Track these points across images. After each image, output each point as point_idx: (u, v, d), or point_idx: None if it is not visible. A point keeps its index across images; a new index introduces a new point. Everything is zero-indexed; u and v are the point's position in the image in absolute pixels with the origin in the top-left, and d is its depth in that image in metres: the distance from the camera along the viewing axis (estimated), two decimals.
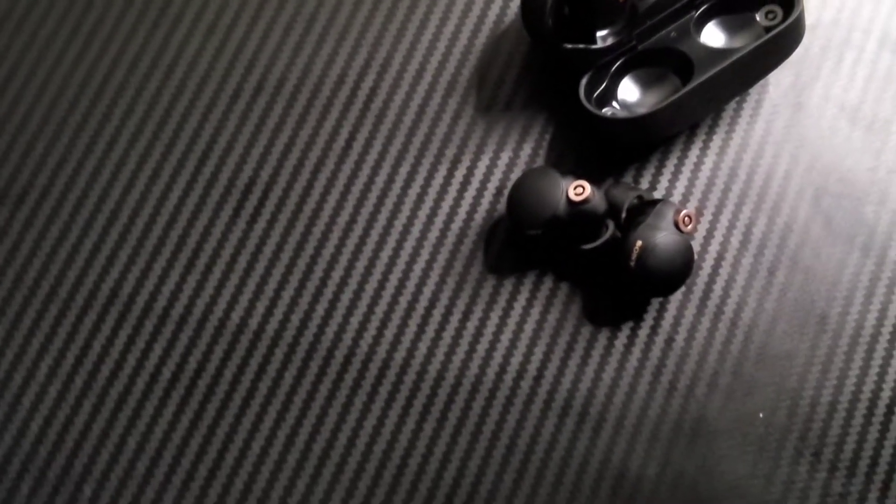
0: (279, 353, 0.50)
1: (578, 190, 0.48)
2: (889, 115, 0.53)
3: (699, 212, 0.52)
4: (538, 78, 0.54)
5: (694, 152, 0.53)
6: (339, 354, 0.50)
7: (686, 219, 0.49)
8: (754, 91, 0.53)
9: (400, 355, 0.50)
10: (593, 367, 0.50)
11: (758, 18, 0.52)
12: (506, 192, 0.51)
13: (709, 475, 0.49)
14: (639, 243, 0.47)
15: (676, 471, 0.49)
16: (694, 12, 0.52)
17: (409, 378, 0.50)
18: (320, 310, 0.51)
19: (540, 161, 0.53)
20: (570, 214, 0.48)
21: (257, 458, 0.49)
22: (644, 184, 0.53)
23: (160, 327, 0.51)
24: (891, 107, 0.53)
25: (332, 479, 0.49)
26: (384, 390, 0.50)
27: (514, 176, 0.52)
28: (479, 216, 0.52)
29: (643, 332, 0.51)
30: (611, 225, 0.49)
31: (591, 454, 0.49)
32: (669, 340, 0.51)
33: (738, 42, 0.51)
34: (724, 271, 0.51)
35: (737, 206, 0.52)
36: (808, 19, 0.53)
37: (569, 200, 0.48)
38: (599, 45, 0.51)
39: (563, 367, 0.50)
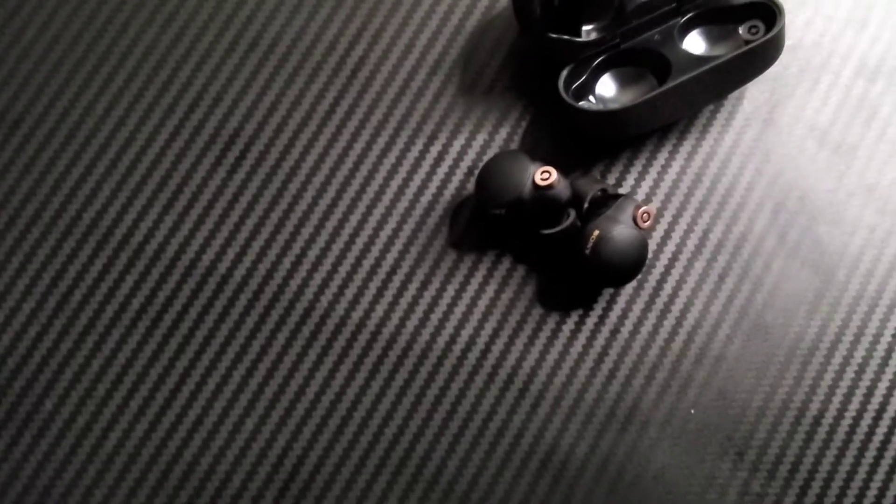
0: (243, 299, 0.53)
1: (545, 175, 0.50)
2: (856, 140, 0.55)
3: (659, 211, 0.54)
4: (522, 65, 0.56)
5: (663, 154, 0.55)
6: (300, 307, 0.53)
7: (644, 215, 0.51)
8: (729, 102, 0.55)
9: (357, 314, 0.53)
10: (539, 347, 0.53)
11: (740, 32, 0.53)
12: (477, 171, 0.53)
13: (635, 462, 0.51)
14: (596, 233, 0.50)
15: (605, 453, 0.52)
16: (680, 18, 0.53)
17: (363, 337, 0.53)
18: (286, 262, 0.53)
19: (514, 146, 0.55)
20: (534, 198, 0.50)
21: (211, 394, 0.52)
22: (612, 178, 0.55)
23: (134, 260, 0.53)
24: (859, 133, 0.55)
25: (279, 421, 0.52)
26: (338, 345, 0.52)
27: (487, 157, 0.54)
28: (449, 192, 0.54)
29: (591, 320, 0.53)
30: (572, 213, 0.51)
31: (526, 428, 0.52)
32: (615, 331, 0.53)
33: (718, 51, 0.53)
34: (676, 271, 0.53)
35: (697, 211, 0.54)
36: (790, 40, 0.55)
37: (534, 184, 0.50)
38: (584, 38, 0.53)
39: (510, 343, 0.53)
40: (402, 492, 0.51)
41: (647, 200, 0.54)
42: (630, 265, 0.50)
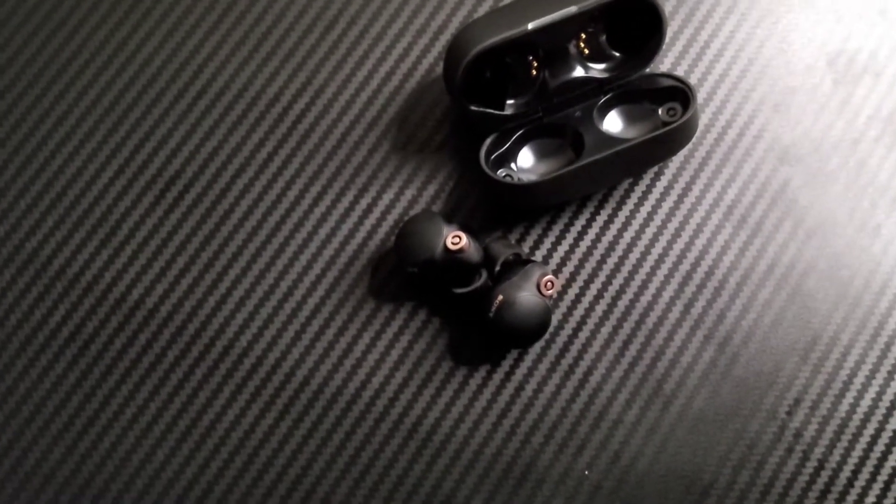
0: (166, 333, 0.56)
1: (455, 240, 0.52)
2: (760, 216, 0.57)
3: (568, 280, 0.56)
4: (454, 129, 0.59)
5: (580, 222, 0.57)
6: (220, 344, 0.55)
7: (548, 283, 0.53)
8: (648, 176, 0.58)
9: (273, 355, 0.55)
10: (445, 400, 0.55)
11: (660, 113, 0.56)
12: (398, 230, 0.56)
13: None
14: (500, 298, 0.52)
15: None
16: (601, 97, 0.56)
17: (277, 378, 0.55)
18: (212, 301, 0.56)
19: (439, 204, 0.58)
20: (445, 260, 0.53)
21: (127, 423, 0.54)
22: (529, 243, 0.57)
23: (68, 290, 0.56)
24: (763, 209, 0.57)
25: (188, 454, 0.54)
26: (252, 384, 0.55)
27: (414, 212, 0.57)
28: (374, 243, 0.57)
29: (497, 377, 0.55)
30: (484, 274, 0.54)
31: (425, 478, 0.54)
32: (519, 388, 0.55)
33: (636, 131, 0.56)
34: (583, 335, 0.56)
35: (607, 279, 0.57)
36: (706, 118, 0.57)
37: (445, 247, 0.52)
38: (506, 111, 0.55)
39: (417, 393, 0.55)
40: None
41: (562, 267, 0.57)
42: (531, 330, 0.52)
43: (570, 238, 0.57)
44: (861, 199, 0.57)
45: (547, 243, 0.57)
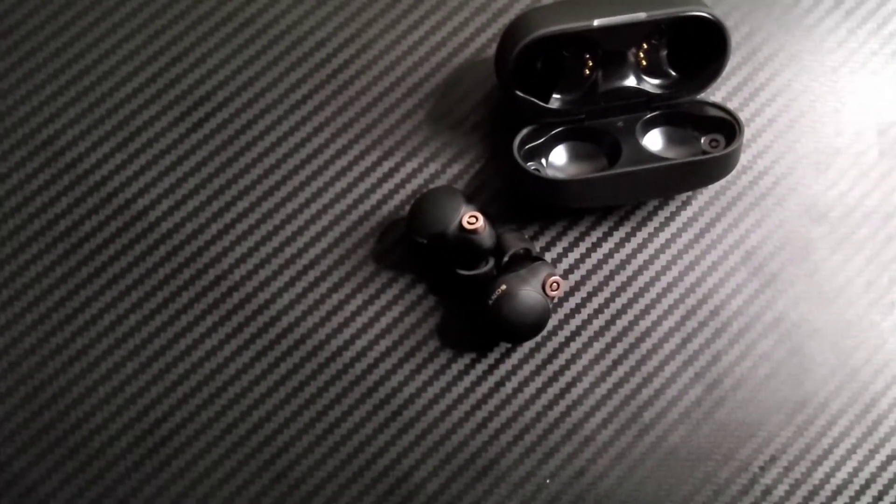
0: (162, 250, 0.55)
1: (472, 219, 0.51)
2: (777, 268, 0.56)
3: (567, 284, 0.55)
4: (493, 112, 0.58)
5: (597, 233, 0.56)
6: (212, 273, 0.54)
7: (554, 284, 0.52)
8: (674, 202, 0.57)
9: (264, 296, 0.54)
10: (423, 377, 0.54)
11: (702, 142, 0.55)
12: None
13: None
14: (503, 287, 0.51)
15: (452, 496, 0.53)
16: (646, 113, 0.55)
17: (263, 319, 0.54)
18: (214, 228, 0.55)
19: (461, 184, 0.57)
20: (457, 237, 0.52)
21: (104, 329, 0.54)
22: (541, 242, 0.56)
23: (75, 184, 0.55)
24: (781, 261, 0.56)
25: (157, 374, 0.53)
26: (237, 319, 0.54)
27: (433, 186, 0.56)
28: (387, 208, 0.56)
29: (481, 367, 0.54)
30: (491, 261, 0.53)
31: (387, 449, 0.53)
32: (500, 383, 0.54)
33: (674, 153, 0.55)
34: (575, 346, 0.55)
35: (612, 295, 0.56)
36: (745, 160, 0.56)
37: (460, 225, 0.51)
38: (551, 105, 0.54)
39: (398, 365, 0.54)
40: (251, 475, 0.52)
41: (569, 272, 0.56)
42: (527, 326, 0.51)
43: (583, 246, 0.56)
44: (882, 274, 0.56)
45: (559, 246, 0.56)
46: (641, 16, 0.51)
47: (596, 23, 0.51)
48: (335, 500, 0.52)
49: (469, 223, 0.51)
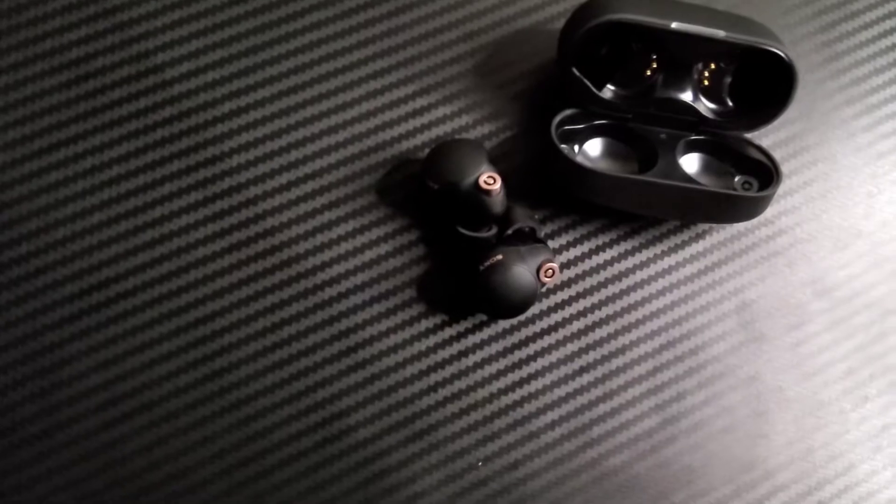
0: (168, 110, 0.52)
1: (490, 180, 0.49)
2: (769, 327, 0.55)
3: (561, 276, 0.54)
4: (540, 85, 0.55)
5: (605, 237, 0.55)
6: (220, 166, 0.52)
7: (549, 271, 0.50)
8: (690, 230, 0.55)
9: (255, 190, 0.52)
10: (388, 324, 0.52)
11: (735, 180, 0.54)
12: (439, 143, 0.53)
13: (403, 474, 0.51)
14: (499, 257, 0.49)
15: (383, 448, 0.51)
16: (691, 133, 0.54)
17: (247, 213, 0.52)
18: (227, 107, 0.52)
19: (488, 145, 0.54)
20: (469, 192, 0.49)
21: (84, 171, 0.50)
22: (549, 227, 0.54)
23: (98, 17, 0.52)
24: (774, 321, 0.55)
25: (124, 232, 0.51)
26: (220, 205, 0.52)
27: (460, 135, 0.54)
28: (406, 145, 0.54)
29: (449, 331, 0.52)
30: (494, 229, 0.51)
31: (331, 382, 0.51)
32: (463, 353, 0.52)
33: (705, 181, 0.53)
34: (548, 340, 0.53)
35: (599, 303, 0.54)
36: (768, 212, 0.55)
37: (477, 182, 0.49)
38: (602, 94, 0.52)
39: (367, 304, 0.52)
40: (186, 364, 0.50)
41: (563, 268, 0.54)
42: (510, 304, 0.50)
43: (587, 245, 0.54)
44: (865, 366, 0.55)
45: (564, 238, 0.54)
46: (720, 34, 0.49)
47: (674, 25, 0.49)
48: (265, 415, 0.50)
49: (486, 183, 0.49)
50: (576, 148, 0.53)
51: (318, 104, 0.53)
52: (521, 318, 0.52)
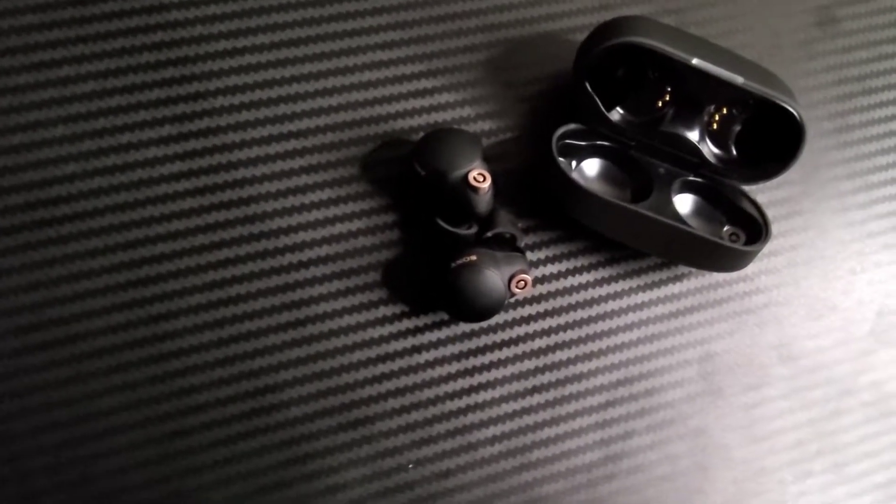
0: (165, 54, 0.48)
1: (480, 177, 0.47)
2: (729, 383, 0.54)
3: (532, 290, 0.52)
4: (548, 94, 0.53)
5: (584, 260, 0.53)
6: (199, 104, 0.49)
7: (522, 282, 0.48)
8: (668, 272, 0.54)
9: (231, 137, 0.49)
10: (345, 303, 0.49)
11: (724, 229, 0.52)
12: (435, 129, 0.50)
13: (327, 462, 0.48)
14: (473, 258, 0.47)
15: (312, 431, 0.48)
16: (690, 174, 0.52)
17: (225, 176, 0.49)
18: (222, 45, 0.49)
19: (487, 142, 0.52)
20: (455, 186, 0.47)
21: (71, 96, 0.47)
22: (529, 238, 0.52)
23: None
24: (736, 379, 0.54)
25: (95, 151, 0.47)
26: (194, 144, 0.48)
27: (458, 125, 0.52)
28: (398, 124, 0.51)
29: (405, 324, 0.50)
30: (474, 228, 0.49)
31: (271, 353, 0.49)
32: (414, 350, 0.50)
33: (694, 224, 0.51)
34: (505, 353, 0.51)
35: (564, 325, 0.52)
36: (750, 268, 0.54)
37: (466, 176, 0.47)
38: (610, 115, 0.51)
39: (327, 278, 0.49)
40: (124, 319, 0.47)
41: (538, 282, 0.52)
42: (475, 308, 0.47)
43: (565, 265, 0.53)
44: (814, 441, 0.55)
45: (543, 253, 0.52)
46: (739, 79, 0.48)
47: (695, 61, 0.47)
48: (194, 373, 0.47)
49: (475, 179, 0.47)
50: (573, 164, 0.52)
51: (317, 62, 0.50)
52: (483, 324, 0.50)
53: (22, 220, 0.46)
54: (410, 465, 0.49)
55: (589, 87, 0.49)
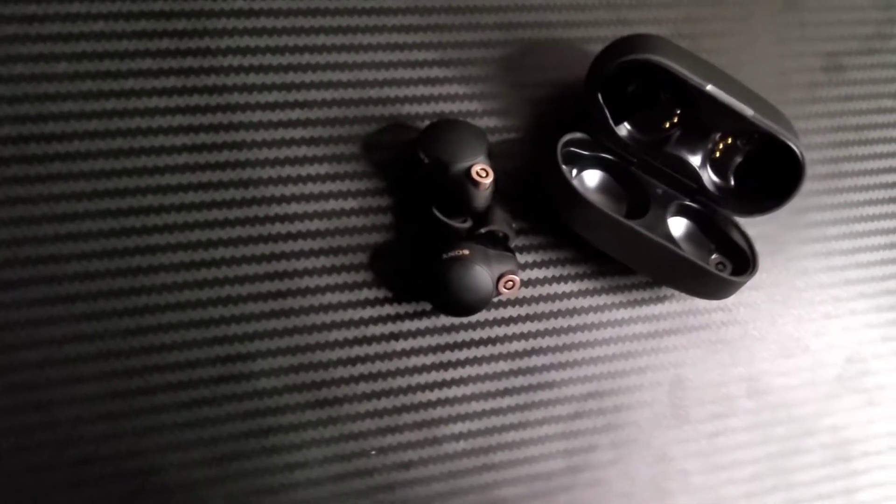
0: (168, 26, 0.47)
1: (482, 172, 0.47)
2: (693, 412, 0.54)
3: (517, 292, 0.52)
4: (556, 100, 0.53)
5: (571, 269, 0.53)
6: (207, 61, 0.48)
7: (510, 283, 0.48)
8: (651, 292, 0.54)
9: (241, 117, 0.48)
10: (326, 281, 0.49)
11: (711, 257, 0.53)
12: (445, 118, 0.50)
13: (290, 438, 0.47)
14: (465, 251, 0.47)
15: (279, 405, 0.48)
16: (685, 199, 0.53)
17: (224, 136, 0.48)
18: (240, 23, 0.48)
19: (492, 138, 0.52)
20: (457, 178, 0.47)
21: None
22: (520, 240, 0.52)
23: None
24: (700, 409, 0.54)
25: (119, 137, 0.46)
26: (199, 120, 0.47)
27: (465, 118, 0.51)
28: (406, 109, 0.51)
29: (385, 309, 0.50)
30: (468, 223, 0.48)
31: (247, 322, 0.48)
32: (390, 337, 0.50)
33: (683, 247, 0.52)
34: (481, 352, 0.51)
35: (543, 331, 0.52)
36: (732, 299, 0.54)
37: (469, 169, 0.47)
38: (616, 128, 0.51)
39: (311, 253, 0.49)
40: (103, 267, 0.45)
41: (523, 285, 0.52)
42: (460, 301, 0.47)
43: (551, 272, 0.53)
44: (769, 477, 0.55)
45: (531, 257, 0.52)
46: (749, 112, 0.48)
47: (709, 88, 0.48)
48: (166, 331, 0.46)
49: (478, 174, 0.47)
50: (573, 172, 0.52)
51: (332, 35, 0.50)
52: (464, 320, 0.50)
53: (12, 152, 0.45)
54: (373, 452, 0.49)
55: (601, 98, 0.49)
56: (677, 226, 0.53)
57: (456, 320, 0.50)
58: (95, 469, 0.45)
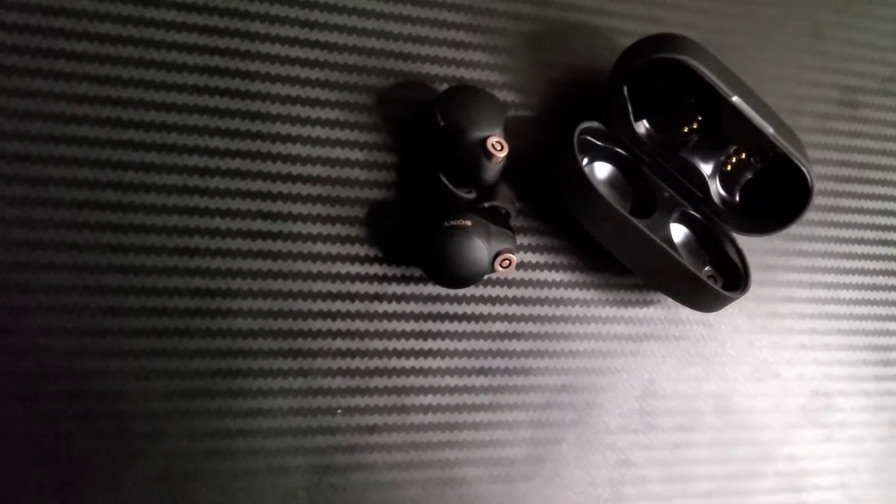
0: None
1: (497, 145, 0.46)
2: (660, 421, 0.54)
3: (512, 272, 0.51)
4: (580, 86, 0.52)
5: (564, 258, 0.52)
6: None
7: (506, 261, 0.47)
8: (643, 295, 0.53)
9: (259, 46, 0.46)
10: (318, 230, 0.47)
11: (705, 269, 0.53)
12: (466, 83, 0.49)
13: (257, 384, 0.46)
14: (467, 222, 0.45)
15: (249, 349, 0.46)
16: (688, 207, 0.52)
17: (244, 84, 0.46)
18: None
19: (509, 112, 0.51)
20: (470, 146, 0.46)
21: None
22: (520, 221, 0.51)
23: None
24: (669, 420, 0.54)
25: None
26: (216, 62, 0.45)
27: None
28: (427, 69, 0.50)
29: (374, 269, 0.48)
30: (473, 194, 0.47)
31: (233, 277, 0.46)
32: (375, 297, 0.48)
33: (682, 254, 0.51)
34: (463, 327, 0.50)
35: (529, 317, 0.51)
36: (712, 316, 0.54)
37: (485, 140, 0.45)
38: (635, 124, 0.50)
39: (307, 199, 0.47)
40: (93, 198, 0.43)
41: (518, 267, 0.51)
42: (453, 271, 0.46)
43: (545, 258, 0.52)
44: (724, 497, 0.56)
45: (527, 240, 0.52)
46: (770, 130, 0.48)
47: (734, 99, 0.47)
48: (148, 253, 0.44)
49: (493, 146, 0.45)
50: (584, 161, 0.51)
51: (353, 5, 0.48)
52: (452, 292, 0.49)
53: (16, 41, 0.42)
54: (339, 411, 0.47)
55: (625, 91, 0.48)
56: (676, 232, 0.52)
57: (443, 291, 0.49)
58: (52, 384, 0.43)
